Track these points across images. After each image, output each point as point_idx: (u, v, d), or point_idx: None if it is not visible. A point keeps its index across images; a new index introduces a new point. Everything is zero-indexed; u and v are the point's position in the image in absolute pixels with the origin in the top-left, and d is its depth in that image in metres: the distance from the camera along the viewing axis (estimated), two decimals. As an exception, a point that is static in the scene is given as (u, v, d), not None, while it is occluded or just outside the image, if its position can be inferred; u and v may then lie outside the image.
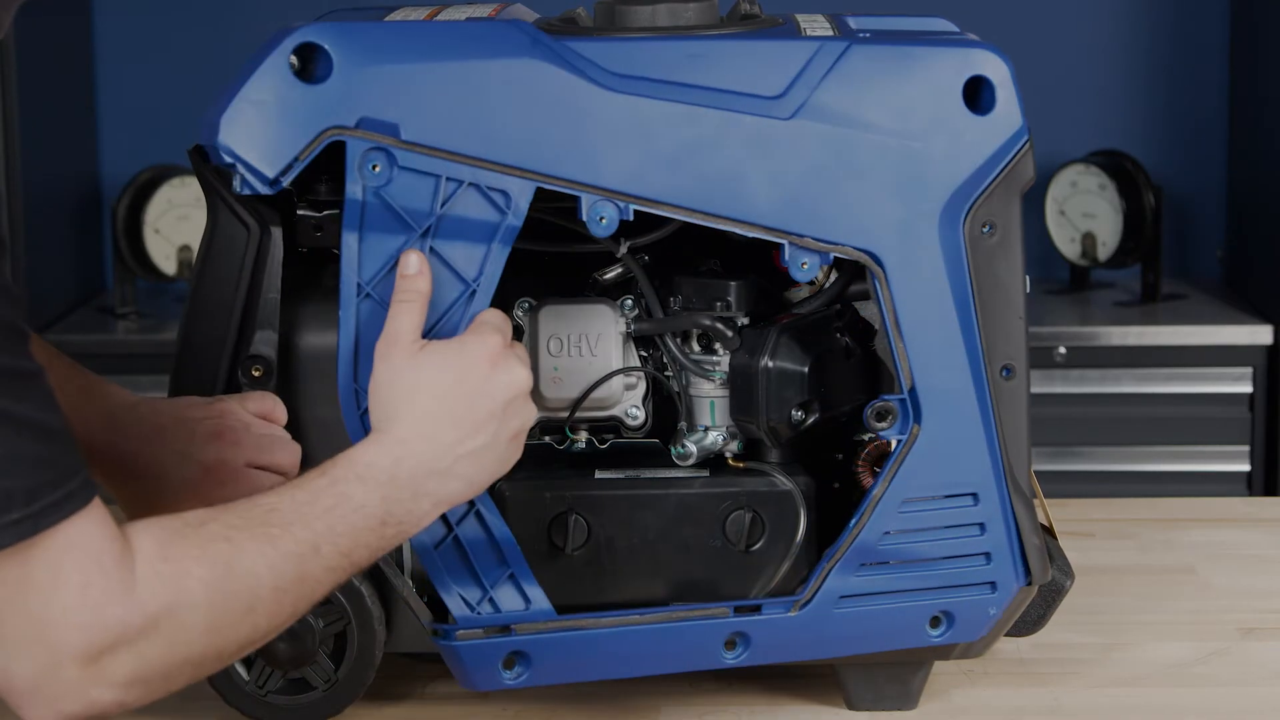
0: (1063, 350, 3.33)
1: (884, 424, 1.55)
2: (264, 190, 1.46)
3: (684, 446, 1.60)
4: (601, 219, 1.49)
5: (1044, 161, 3.48)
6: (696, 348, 1.61)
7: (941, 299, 1.53)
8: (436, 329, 1.47)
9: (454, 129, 1.47)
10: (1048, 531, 1.65)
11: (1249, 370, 3.32)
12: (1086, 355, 3.35)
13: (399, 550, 1.62)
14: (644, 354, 1.62)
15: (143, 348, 3.38)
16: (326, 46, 1.47)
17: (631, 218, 1.49)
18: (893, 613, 1.56)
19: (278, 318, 1.56)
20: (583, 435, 1.62)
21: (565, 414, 1.60)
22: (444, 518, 1.49)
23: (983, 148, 1.53)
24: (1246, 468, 3.34)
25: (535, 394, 1.59)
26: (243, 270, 1.55)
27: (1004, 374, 1.56)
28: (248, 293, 1.56)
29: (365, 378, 1.45)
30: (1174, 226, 3.71)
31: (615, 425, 1.62)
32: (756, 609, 1.56)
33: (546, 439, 1.63)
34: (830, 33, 1.56)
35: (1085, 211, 3.55)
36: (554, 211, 1.56)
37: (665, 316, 1.60)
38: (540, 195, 1.52)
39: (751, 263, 1.63)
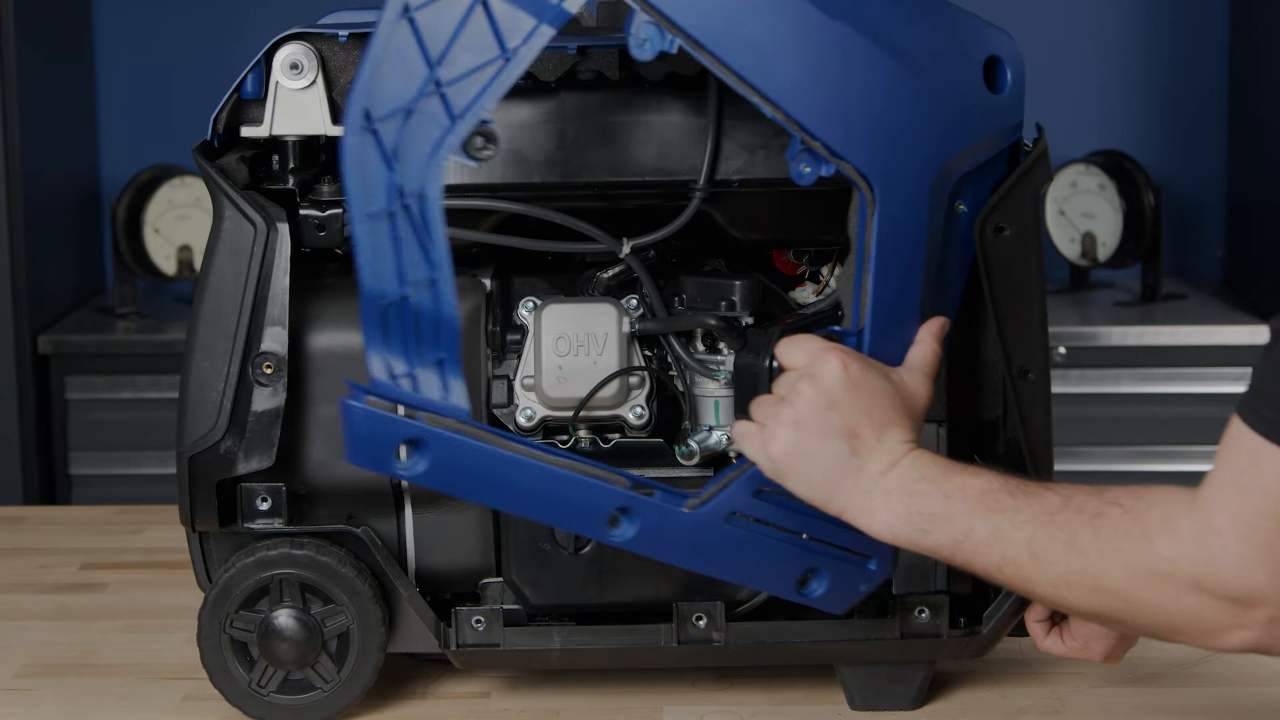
0: (1063, 350, 3.33)
1: None
2: None
3: (688, 446, 1.61)
4: (645, 42, 1.46)
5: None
6: (701, 347, 1.61)
7: (915, 251, 1.51)
8: (459, 81, 1.42)
9: None
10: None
11: (1249, 370, 3.31)
12: (1086, 355, 3.35)
13: (401, 551, 1.62)
14: (648, 353, 1.62)
15: (143, 348, 3.38)
16: None
17: (674, 49, 1.46)
18: (769, 549, 1.52)
19: (287, 314, 1.56)
20: (586, 434, 1.62)
21: (570, 413, 1.60)
22: (402, 276, 1.43)
23: (989, 125, 1.52)
24: (1246, 467, 3.34)
25: (540, 392, 1.60)
26: (250, 267, 1.56)
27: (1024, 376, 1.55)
28: (255, 290, 1.56)
29: (377, 99, 1.40)
30: (1174, 226, 3.72)
31: (619, 425, 1.62)
32: (651, 493, 1.51)
33: (551, 439, 1.63)
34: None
35: (1085, 211, 3.56)
36: (560, 212, 1.57)
37: (670, 316, 1.60)
38: (543, 196, 1.53)
39: (755, 263, 1.63)
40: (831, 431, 1.43)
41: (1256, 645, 1.26)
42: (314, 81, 1.56)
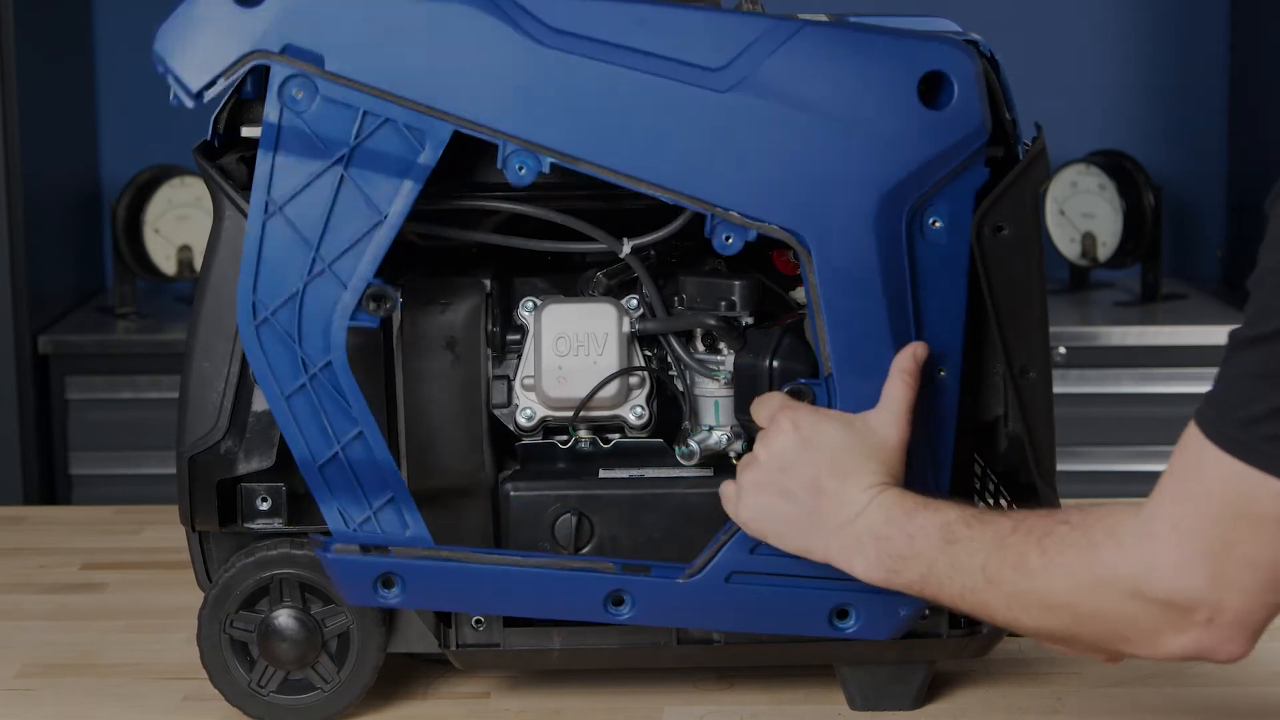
0: (1063, 350, 3.33)
1: None
2: (189, 103, 1.51)
3: (688, 446, 1.60)
4: (520, 169, 1.50)
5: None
6: (701, 347, 1.61)
7: (869, 289, 1.51)
8: (343, 254, 1.50)
9: (379, 65, 1.49)
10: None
11: (1248, 370, 3.32)
12: (1086, 355, 3.35)
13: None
14: (648, 353, 1.62)
15: (143, 348, 3.38)
16: None
17: (548, 170, 1.49)
18: (787, 597, 1.54)
19: (286, 313, 1.57)
20: (586, 434, 1.62)
21: (570, 413, 1.60)
22: (333, 436, 1.52)
23: (933, 143, 1.50)
24: (1246, 467, 3.34)
25: (540, 393, 1.60)
26: (249, 267, 1.56)
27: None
28: (255, 289, 1.56)
29: (264, 291, 1.50)
30: (1174, 226, 3.72)
31: (619, 424, 1.62)
32: (645, 570, 1.55)
33: (551, 439, 1.63)
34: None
35: (1085, 211, 3.56)
36: (560, 212, 1.57)
37: (670, 316, 1.60)
38: (544, 196, 1.54)
39: (755, 263, 1.63)
40: (790, 491, 1.47)
41: (1197, 649, 1.27)
42: (314, 81, 1.56)
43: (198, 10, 1.51)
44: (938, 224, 1.51)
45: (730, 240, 1.51)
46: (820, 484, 1.46)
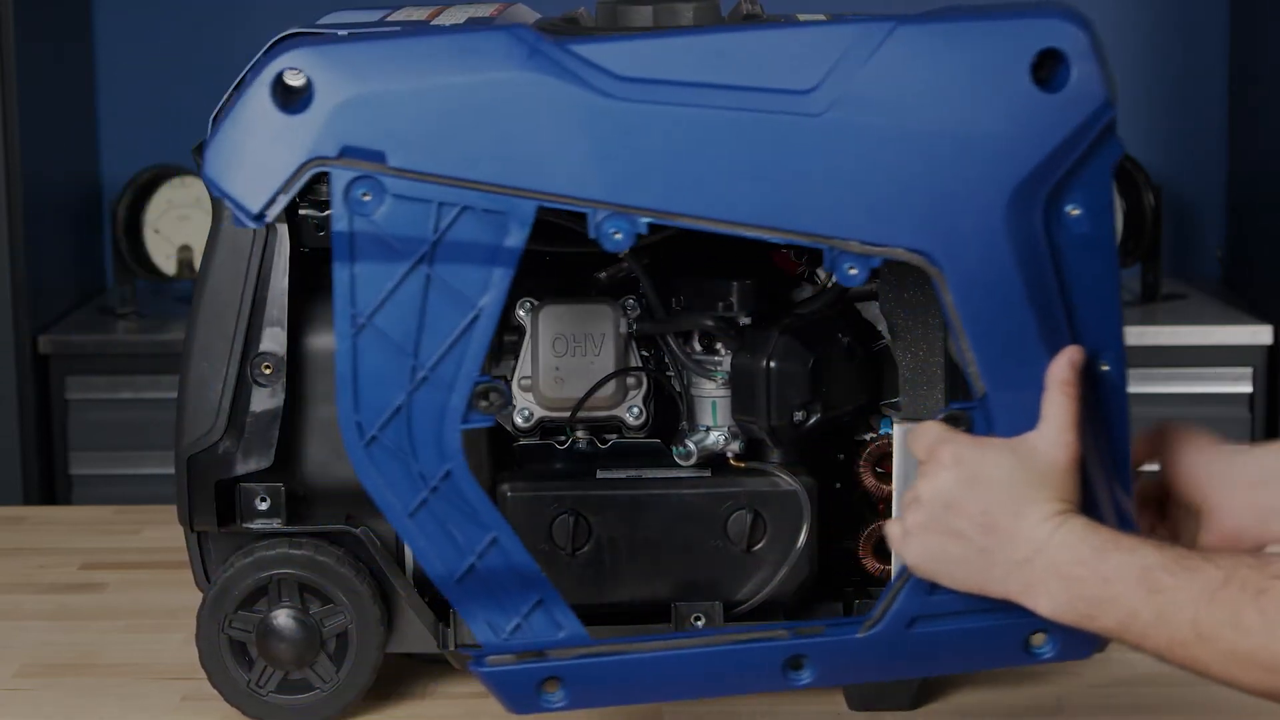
0: (1063, 350, 3.33)
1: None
2: (250, 225, 1.42)
3: (685, 446, 1.60)
4: (615, 234, 1.41)
5: (1044, 161, 3.47)
6: (698, 348, 1.61)
7: (1011, 296, 1.40)
8: (443, 357, 1.42)
9: (446, 151, 1.40)
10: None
11: (1249, 370, 3.33)
12: (1087, 355, 3.35)
13: (400, 551, 1.62)
14: (646, 354, 1.62)
15: (143, 348, 3.38)
16: (306, 73, 1.40)
17: (645, 231, 1.41)
18: (978, 633, 1.45)
19: (286, 314, 1.56)
20: (584, 435, 1.62)
21: (567, 414, 1.60)
22: (465, 548, 1.45)
23: (1058, 128, 1.40)
24: (1246, 468, 3.34)
25: (537, 393, 1.60)
26: (249, 268, 1.56)
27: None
28: (254, 290, 1.56)
29: (366, 409, 1.43)
30: (1174, 226, 3.72)
31: (617, 425, 1.62)
32: (819, 630, 1.48)
33: (548, 439, 1.63)
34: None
35: (1085, 211, 3.55)
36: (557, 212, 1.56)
37: (667, 317, 1.60)
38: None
39: (754, 262, 1.63)
40: (958, 531, 1.39)
41: None
42: (313, 81, 1.56)
43: (243, 125, 1.41)
44: (1076, 211, 1.42)
45: (855, 271, 1.40)
46: (993, 521, 1.37)
